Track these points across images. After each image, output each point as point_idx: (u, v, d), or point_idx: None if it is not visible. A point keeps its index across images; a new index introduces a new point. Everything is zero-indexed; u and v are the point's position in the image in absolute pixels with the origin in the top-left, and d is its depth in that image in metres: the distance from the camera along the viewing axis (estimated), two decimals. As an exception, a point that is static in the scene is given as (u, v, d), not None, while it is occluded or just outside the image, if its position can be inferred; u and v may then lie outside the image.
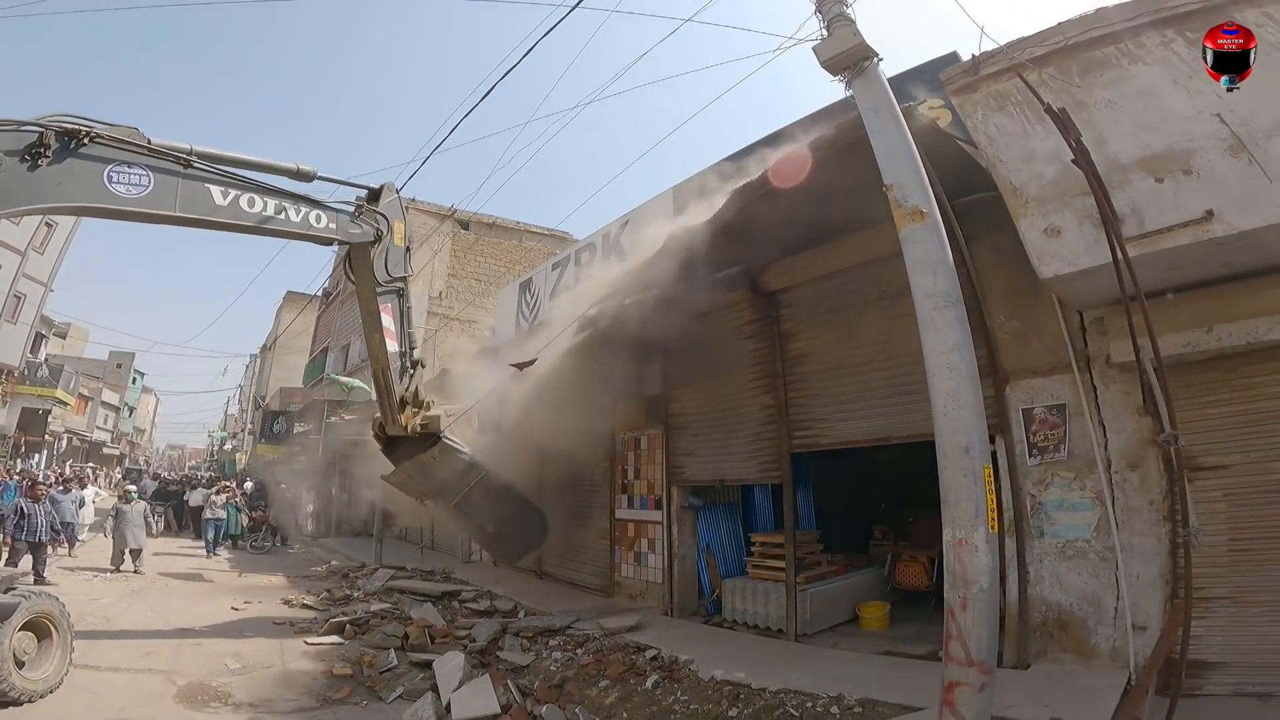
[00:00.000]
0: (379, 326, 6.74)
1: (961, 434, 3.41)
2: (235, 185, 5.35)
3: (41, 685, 5.45)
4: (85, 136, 4.49)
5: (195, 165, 5.08)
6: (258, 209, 5.48)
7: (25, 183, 4.29)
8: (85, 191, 4.58)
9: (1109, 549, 5.01)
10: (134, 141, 4.79)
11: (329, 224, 6.04)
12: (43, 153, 4.29)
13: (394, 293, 6.78)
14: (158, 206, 4.92)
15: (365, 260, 6.46)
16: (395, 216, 6.59)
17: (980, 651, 3.16)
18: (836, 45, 3.93)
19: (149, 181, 4.83)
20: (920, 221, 3.68)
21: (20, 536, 9.31)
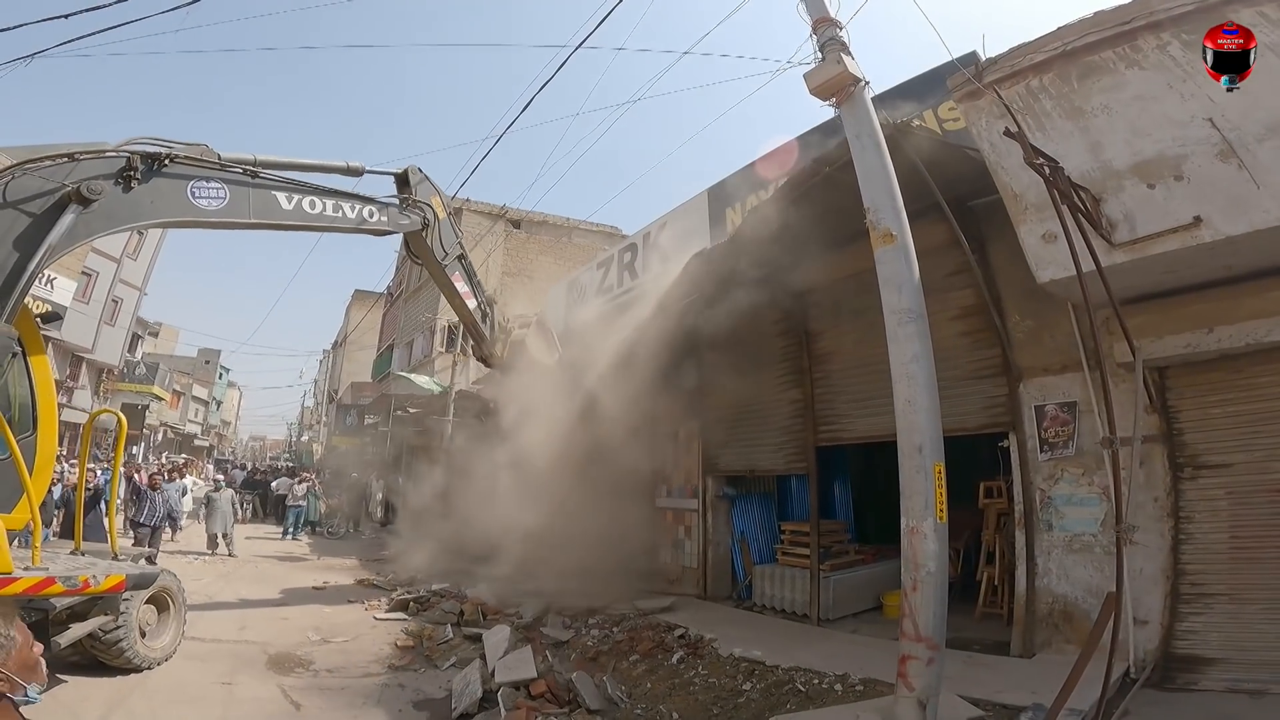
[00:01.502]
0: (457, 293, 7.43)
1: (916, 435, 3.76)
2: (297, 190, 5.84)
3: (159, 654, 6.08)
4: (166, 158, 4.94)
5: (261, 175, 5.58)
6: (318, 210, 5.99)
7: (124, 204, 4.78)
8: (175, 208, 5.08)
9: (1114, 543, 5.17)
10: (207, 159, 5.28)
11: (381, 218, 6.51)
12: (133, 175, 4.74)
13: (456, 260, 7.33)
14: (236, 215, 5.41)
15: (423, 245, 6.97)
16: (431, 195, 7.00)
17: (928, 628, 3.52)
18: (824, 73, 4.25)
19: (225, 194, 5.32)
20: (890, 244, 4.00)
21: (140, 521, 10.48)
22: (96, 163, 4.67)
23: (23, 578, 4.04)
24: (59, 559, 5.05)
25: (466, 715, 5.22)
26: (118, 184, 4.69)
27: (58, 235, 4.34)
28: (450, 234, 7.24)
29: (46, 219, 4.37)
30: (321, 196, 6.01)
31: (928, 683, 3.50)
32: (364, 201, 6.36)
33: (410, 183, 6.87)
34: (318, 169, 6.18)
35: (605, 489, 11.31)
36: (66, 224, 4.39)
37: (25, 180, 4.44)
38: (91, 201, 4.49)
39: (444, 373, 19.62)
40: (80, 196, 4.44)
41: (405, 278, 27.01)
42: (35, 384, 5.26)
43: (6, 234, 4.27)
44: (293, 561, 13.77)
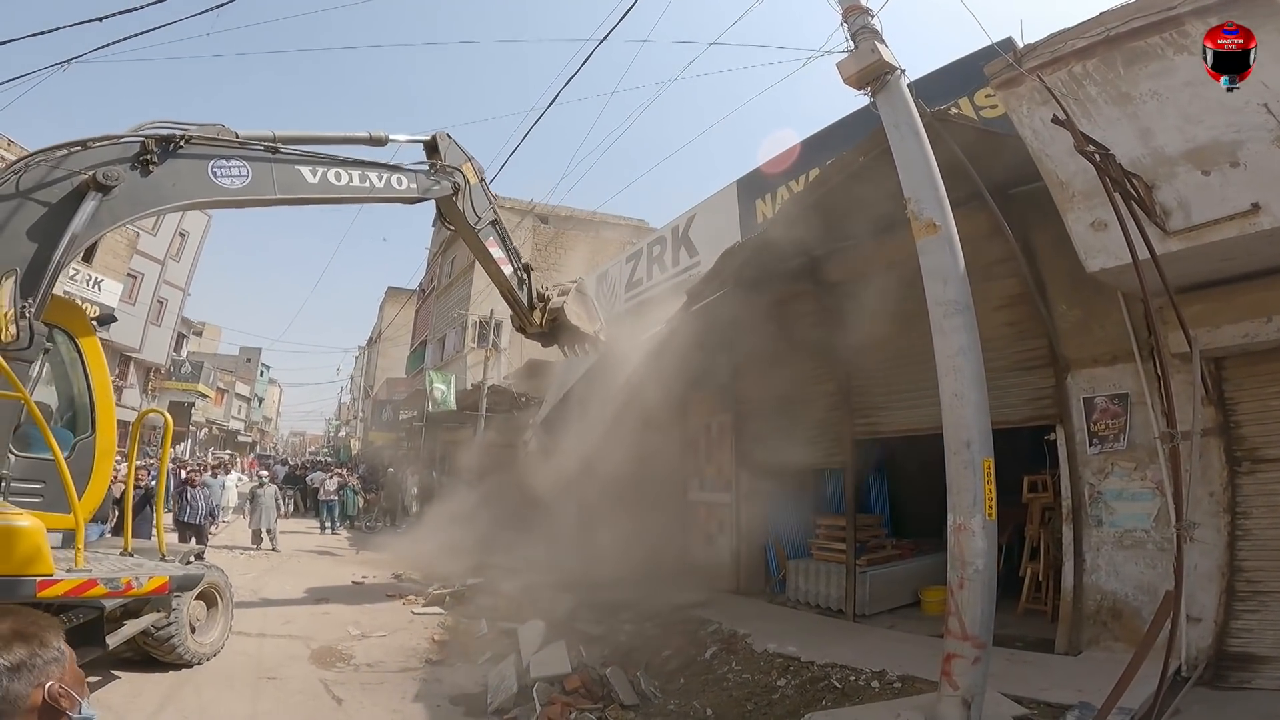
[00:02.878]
0: (492, 259, 7.26)
1: (964, 430, 3.65)
2: (321, 163, 5.69)
3: (209, 649, 6.23)
4: (181, 139, 4.84)
5: (282, 150, 5.43)
6: (344, 181, 5.85)
7: (145, 188, 4.70)
8: (198, 188, 4.98)
9: (1168, 539, 4.99)
10: (224, 138, 5.15)
11: (410, 185, 6.36)
12: (150, 159, 4.65)
13: (490, 225, 7.17)
14: (261, 192, 5.30)
15: (455, 211, 6.82)
16: (461, 161, 6.86)
17: (975, 626, 3.42)
18: (858, 62, 4.14)
19: (248, 171, 5.19)
20: (934, 234, 3.88)
21: (183, 518, 10.79)
22: (110, 149, 4.61)
23: (64, 579, 3.99)
24: (106, 560, 5.05)
25: (502, 710, 5.28)
26: (134, 169, 4.62)
27: (81, 224, 4.28)
28: (483, 199, 7.07)
29: (64, 209, 4.32)
30: (347, 168, 5.88)
31: (972, 681, 3.42)
32: (391, 170, 6.24)
33: (439, 149, 6.72)
34: (340, 141, 6.04)
35: (638, 483, 11.33)
36: (88, 211, 4.33)
37: (38, 171, 4.37)
38: (110, 188, 4.44)
39: (475, 367, 19.83)
40: (97, 184, 4.37)
41: (437, 274, 27.35)
42: (93, 385, 5.28)
43: (23, 226, 4.23)
44: (332, 556, 14.09)
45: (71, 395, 5.31)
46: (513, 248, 7.51)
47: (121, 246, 22.64)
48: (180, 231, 27.90)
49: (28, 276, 4.13)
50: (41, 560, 3.89)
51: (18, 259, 4.14)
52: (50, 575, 3.90)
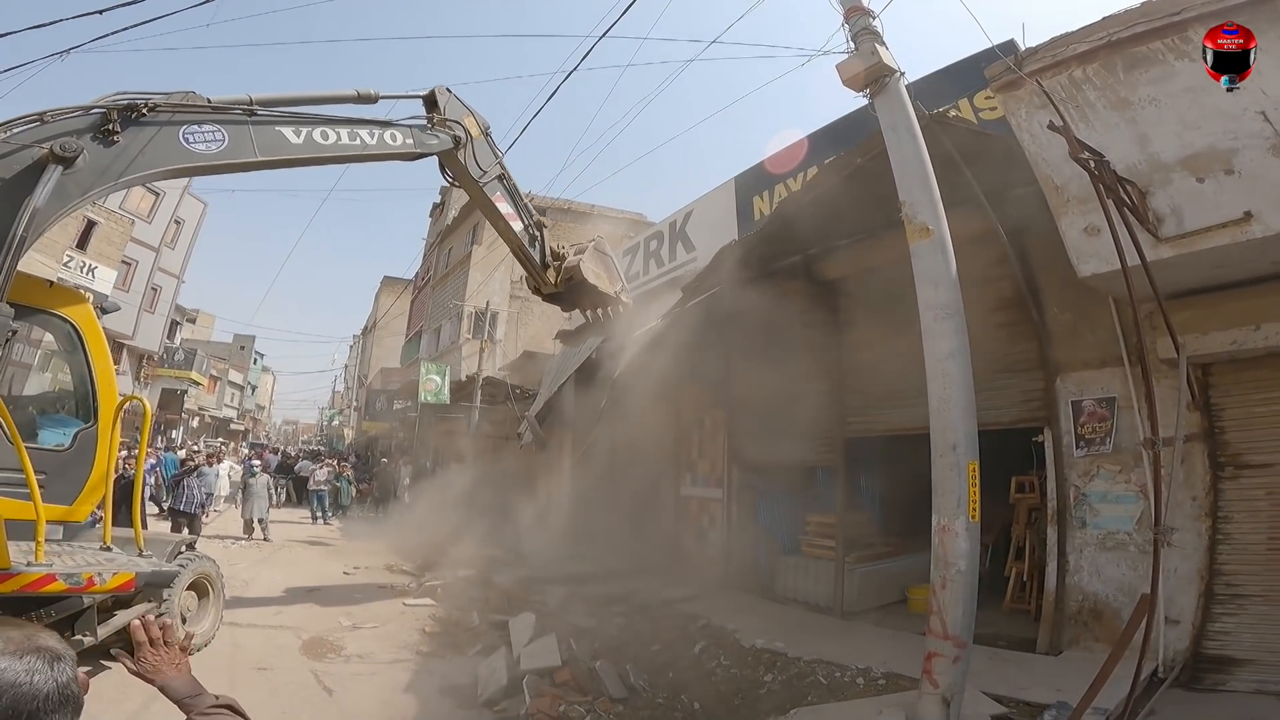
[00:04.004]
0: (500, 215, 7.00)
1: (950, 433, 3.70)
2: (305, 122, 5.43)
3: (200, 639, 6.16)
4: (144, 108, 4.61)
5: (259, 113, 5.18)
6: (332, 139, 5.57)
7: (113, 158, 4.49)
8: (169, 155, 4.75)
9: (1149, 542, 5.04)
10: (193, 104, 4.92)
11: (405, 140, 6.09)
12: (111, 130, 4.44)
13: (496, 179, 6.92)
14: (240, 156, 5.07)
15: (458, 165, 6.60)
16: (462, 115, 6.61)
17: (956, 626, 3.49)
18: (858, 64, 4.16)
19: (223, 135, 4.96)
20: (927, 238, 3.91)
21: (178, 507, 10.77)
22: (70, 121, 4.40)
23: (22, 574, 3.83)
24: (78, 553, 4.83)
25: (492, 702, 5.32)
26: (96, 140, 4.42)
27: (42, 197, 4.08)
28: (487, 153, 6.80)
29: (22, 184, 4.11)
30: (334, 126, 5.61)
31: (952, 680, 3.48)
32: (383, 126, 5.97)
33: (439, 103, 6.45)
34: (325, 100, 5.76)
35: (630, 476, 11.39)
36: (49, 183, 4.13)
37: None
38: (70, 159, 4.22)
39: (471, 358, 19.83)
40: (55, 156, 4.16)
41: (434, 265, 27.28)
42: (95, 373, 5.12)
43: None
44: (323, 547, 14.07)
45: (72, 384, 5.24)
46: (523, 203, 7.21)
47: (116, 234, 22.50)
48: (176, 219, 27.71)
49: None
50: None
51: None
52: (6, 569, 3.75)
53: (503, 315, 21.23)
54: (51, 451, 4.83)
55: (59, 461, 4.80)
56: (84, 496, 4.81)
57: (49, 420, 5.09)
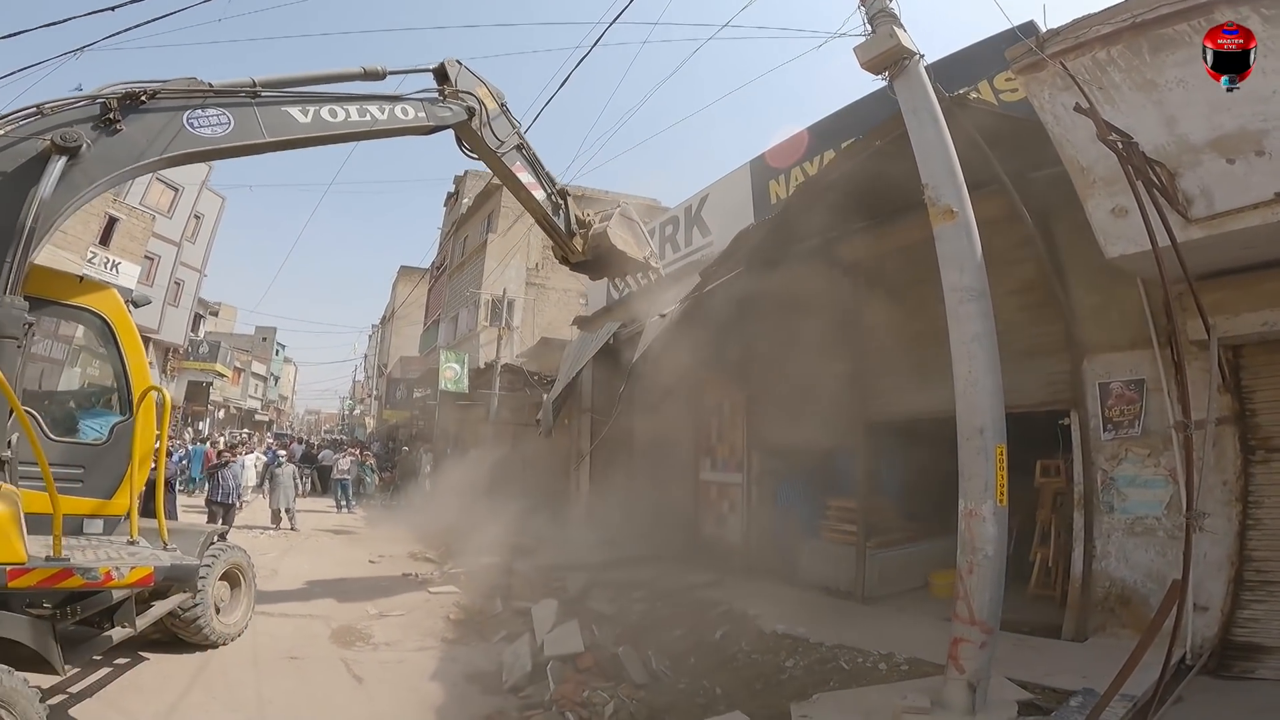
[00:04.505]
0: (521, 185, 6.91)
1: (977, 416, 3.68)
2: (312, 101, 5.36)
3: (233, 629, 6.29)
4: (144, 95, 4.58)
5: (263, 94, 5.13)
6: (341, 116, 5.49)
7: (118, 147, 4.47)
8: (175, 141, 4.69)
9: (1178, 527, 4.98)
10: (196, 89, 4.87)
11: (417, 114, 5.98)
12: (113, 119, 4.41)
13: (515, 149, 6.82)
14: (247, 138, 5.01)
15: (474, 137, 6.49)
16: (474, 85, 6.50)
17: (983, 612, 3.48)
18: (876, 46, 4.08)
19: (228, 119, 4.91)
20: (950, 220, 3.86)
21: (215, 498, 10.98)
22: (68, 113, 4.37)
23: (38, 568, 3.76)
24: (102, 547, 4.71)
25: (517, 688, 5.41)
26: (97, 130, 4.40)
27: (48, 188, 4.07)
28: (504, 124, 6.67)
29: (26, 177, 4.10)
30: (342, 104, 5.53)
31: (979, 666, 3.48)
32: (393, 101, 5.87)
33: (449, 75, 6.31)
34: (331, 79, 5.68)
35: (649, 462, 11.44)
36: (55, 174, 4.11)
37: None
38: (73, 149, 4.20)
39: (489, 345, 19.93)
40: (58, 147, 4.15)
41: (449, 253, 27.38)
42: (129, 367, 5.04)
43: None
44: (348, 535, 14.33)
45: (107, 379, 5.25)
46: (545, 172, 7.09)
47: (138, 229, 22.85)
48: (196, 214, 28.06)
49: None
50: (9, 547, 3.62)
51: None
52: (22, 564, 3.67)
53: (519, 302, 21.28)
54: (89, 445, 4.86)
55: (97, 455, 4.81)
56: (122, 489, 4.81)
57: (88, 415, 5.12)
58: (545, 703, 4.97)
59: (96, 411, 5.14)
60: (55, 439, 4.70)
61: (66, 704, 4.62)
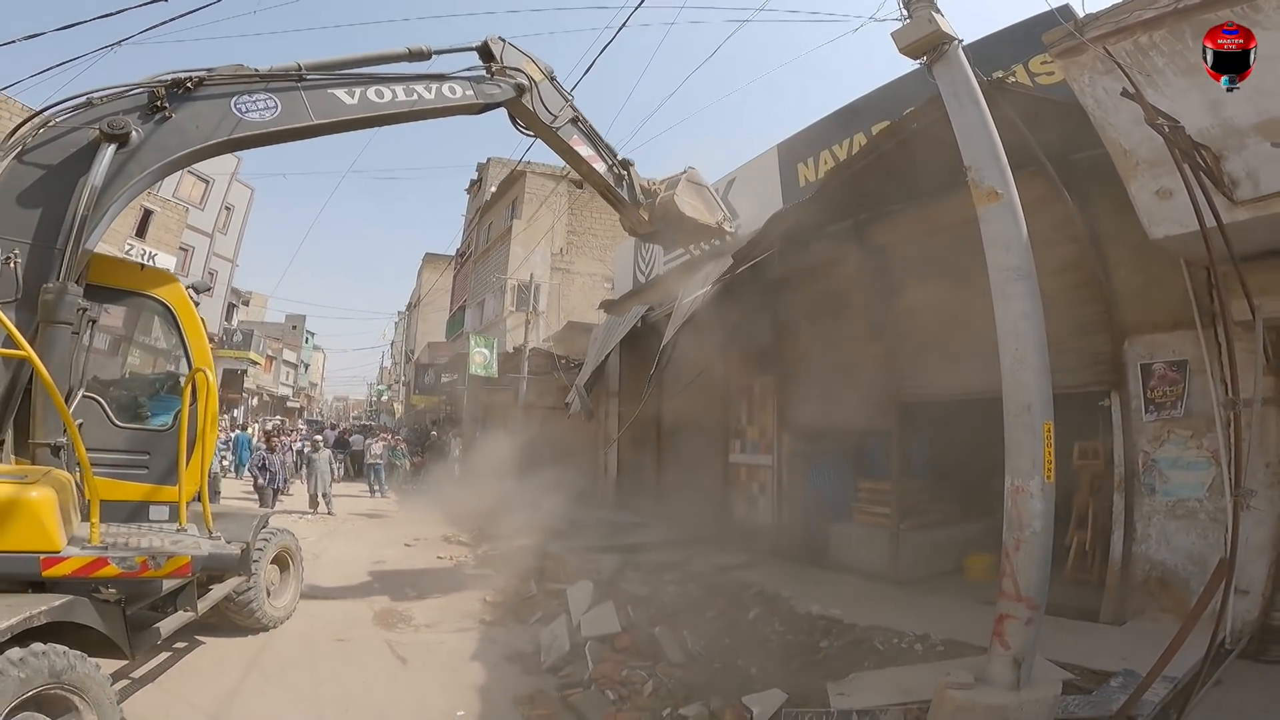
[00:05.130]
0: (581, 159, 6.81)
1: (1024, 393, 3.70)
2: (358, 82, 5.34)
3: (283, 613, 6.43)
4: (189, 82, 4.61)
5: (309, 78, 5.12)
6: (388, 97, 5.46)
7: (168, 134, 4.51)
8: (225, 126, 4.74)
9: (1221, 510, 4.93)
10: (243, 74, 4.91)
11: (465, 92, 5.91)
12: (161, 107, 4.46)
13: (570, 123, 6.71)
14: (295, 121, 5.03)
15: (526, 112, 6.39)
16: (521, 61, 6.40)
17: (1029, 589, 3.51)
18: (915, 31, 4.05)
19: (276, 103, 4.93)
20: (996, 201, 3.85)
21: (266, 484, 11.31)
22: (117, 103, 4.44)
23: (73, 557, 3.69)
24: (151, 534, 4.63)
25: (556, 668, 5.54)
26: (146, 120, 4.46)
27: (99, 176, 4.13)
28: (555, 96, 6.55)
29: (77, 166, 4.17)
30: (389, 84, 5.50)
31: (1024, 643, 3.51)
32: (440, 80, 5.80)
33: (494, 52, 6.19)
34: (374, 61, 5.63)
35: (679, 445, 11.52)
36: (106, 160, 4.16)
37: (48, 133, 4.25)
38: (122, 137, 4.25)
39: (515, 330, 20.12)
40: (106, 135, 4.20)
41: (474, 240, 27.58)
42: (191, 354, 5.04)
43: (35, 191, 4.09)
44: (383, 519, 14.70)
45: (171, 365, 5.32)
46: (604, 143, 6.98)
47: (173, 221, 23.40)
48: (226, 205, 28.63)
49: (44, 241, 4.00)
50: (44, 535, 3.57)
51: (29, 226, 4.05)
52: (57, 552, 3.62)
53: (544, 288, 21.42)
54: (156, 432, 4.91)
55: (161, 442, 4.86)
56: (186, 476, 4.82)
57: (156, 402, 5.17)
58: (584, 681, 5.10)
59: (164, 399, 5.18)
60: (121, 425, 4.80)
61: (128, 689, 4.71)
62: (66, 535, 3.76)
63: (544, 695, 4.97)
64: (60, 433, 4.05)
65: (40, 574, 3.57)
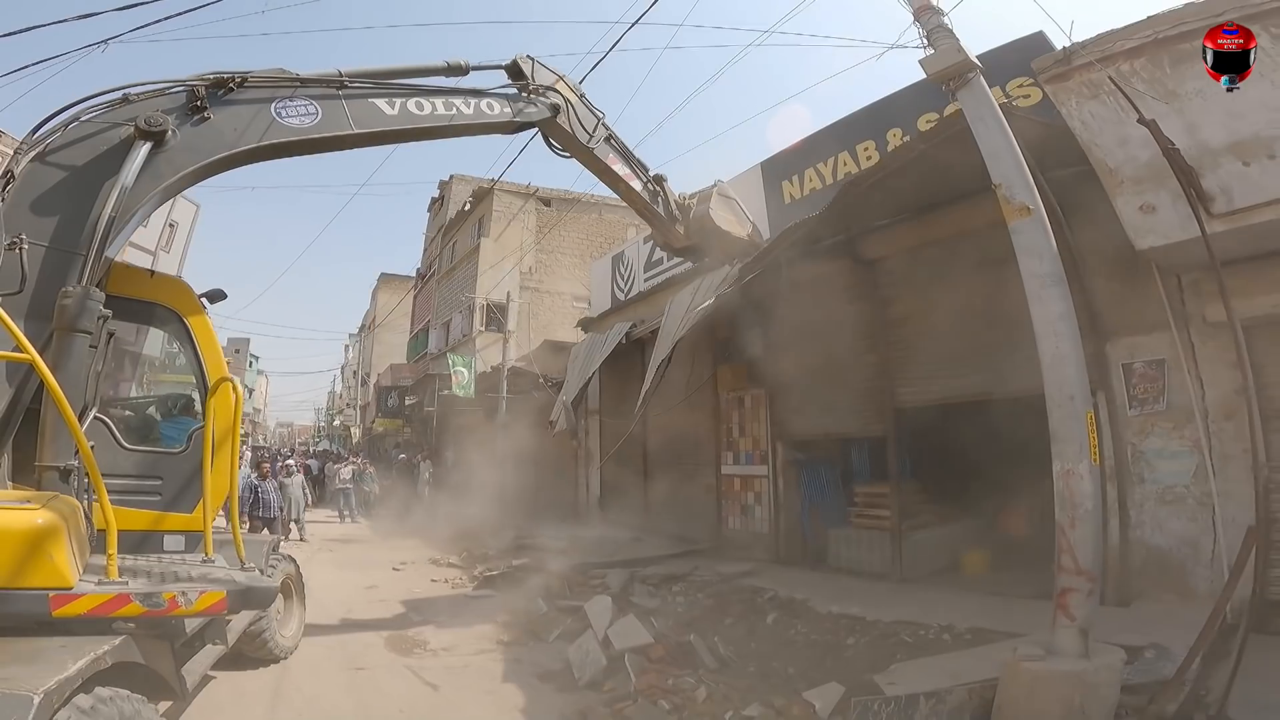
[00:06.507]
0: (618, 178, 6.79)
1: (1066, 386, 4.06)
2: (399, 93, 5.28)
3: (290, 642, 6.21)
4: (232, 82, 4.49)
5: (349, 85, 5.04)
6: (428, 110, 5.40)
7: (204, 136, 4.35)
8: (263, 130, 4.61)
9: (1206, 494, 5.40)
10: (284, 78, 4.80)
11: (503, 110, 5.88)
12: (200, 107, 4.32)
13: (604, 140, 6.69)
14: (335, 129, 4.93)
15: (561, 132, 6.37)
16: (554, 80, 6.35)
17: (1087, 562, 3.83)
18: (942, 61, 4.39)
19: (316, 109, 4.82)
20: (1027, 216, 4.20)
21: (257, 514, 10.87)
22: (155, 100, 4.27)
23: (89, 594, 3.24)
24: (177, 566, 4.21)
25: (595, 683, 5.54)
26: (184, 118, 4.30)
27: (130, 175, 3.95)
28: (588, 114, 6.53)
29: (110, 163, 3.98)
30: (429, 97, 5.43)
31: (1087, 613, 3.82)
32: (477, 95, 5.76)
33: (524, 71, 6.14)
34: (414, 73, 5.57)
35: (670, 459, 11.67)
36: (139, 159, 3.99)
37: (77, 128, 4.05)
38: (158, 134, 4.08)
39: (485, 350, 19.97)
40: (143, 132, 4.03)
41: (437, 258, 27.25)
42: (206, 369, 4.65)
43: (65, 187, 3.90)
44: (361, 544, 14.32)
45: (184, 380, 4.93)
46: (637, 160, 6.97)
47: (115, 242, 22.32)
48: (170, 222, 27.45)
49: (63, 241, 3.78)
50: (53, 569, 3.12)
51: (44, 232, 3.81)
52: (69, 589, 3.17)
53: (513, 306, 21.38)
54: (169, 454, 4.56)
55: (176, 464, 4.51)
56: (207, 500, 4.33)
57: (170, 422, 4.87)
58: (631, 694, 5.13)
59: (177, 418, 4.86)
60: (130, 448, 4.39)
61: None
62: (79, 569, 3.33)
63: (594, 711, 4.98)
64: (71, 455, 3.63)
65: (50, 614, 3.10)
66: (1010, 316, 5.43)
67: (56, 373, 3.31)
